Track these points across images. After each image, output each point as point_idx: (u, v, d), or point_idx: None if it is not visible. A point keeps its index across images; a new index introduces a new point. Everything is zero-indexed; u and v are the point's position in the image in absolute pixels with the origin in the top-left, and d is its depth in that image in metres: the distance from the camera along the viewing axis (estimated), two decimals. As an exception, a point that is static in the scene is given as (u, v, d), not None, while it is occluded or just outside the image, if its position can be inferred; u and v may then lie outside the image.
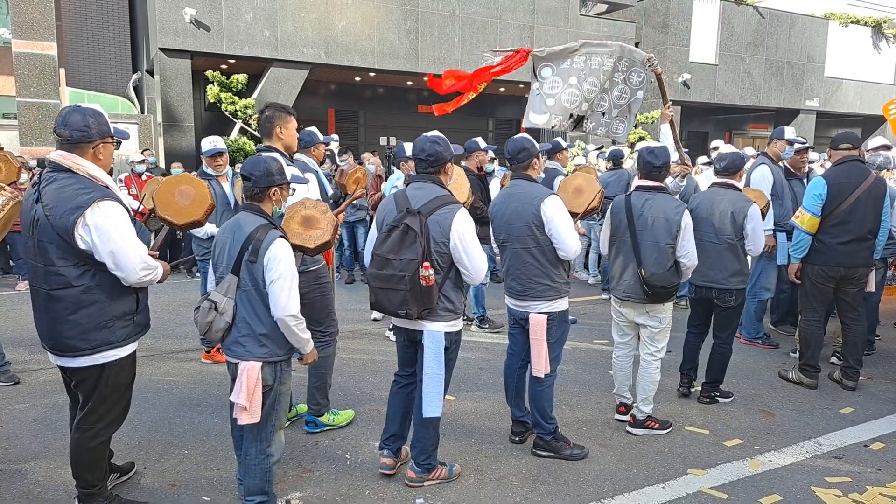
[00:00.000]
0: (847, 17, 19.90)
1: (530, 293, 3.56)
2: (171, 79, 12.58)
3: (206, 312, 2.74)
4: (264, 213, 2.86)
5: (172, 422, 4.14)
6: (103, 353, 2.76)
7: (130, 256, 2.66)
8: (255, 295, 2.74)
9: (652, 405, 4.06)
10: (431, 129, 3.48)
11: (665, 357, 4.10)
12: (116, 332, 2.77)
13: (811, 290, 4.85)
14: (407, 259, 2.95)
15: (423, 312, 3.04)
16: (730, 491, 3.40)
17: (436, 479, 3.35)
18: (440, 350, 3.13)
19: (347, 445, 3.84)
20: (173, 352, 5.62)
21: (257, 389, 2.74)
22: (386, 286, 3.01)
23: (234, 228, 2.81)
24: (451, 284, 3.14)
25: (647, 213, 3.83)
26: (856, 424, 4.29)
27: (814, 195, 4.66)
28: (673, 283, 3.81)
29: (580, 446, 3.77)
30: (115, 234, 2.63)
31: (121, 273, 2.67)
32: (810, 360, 4.91)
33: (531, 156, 3.61)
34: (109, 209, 2.64)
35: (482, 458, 3.72)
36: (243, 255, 2.72)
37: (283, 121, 3.77)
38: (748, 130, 23.29)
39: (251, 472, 2.91)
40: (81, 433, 2.88)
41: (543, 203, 3.44)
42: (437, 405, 3.14)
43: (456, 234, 3.02)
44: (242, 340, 2.76)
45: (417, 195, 3.12)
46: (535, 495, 3.32)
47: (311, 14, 13.31)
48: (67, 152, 2.69)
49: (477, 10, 14.87)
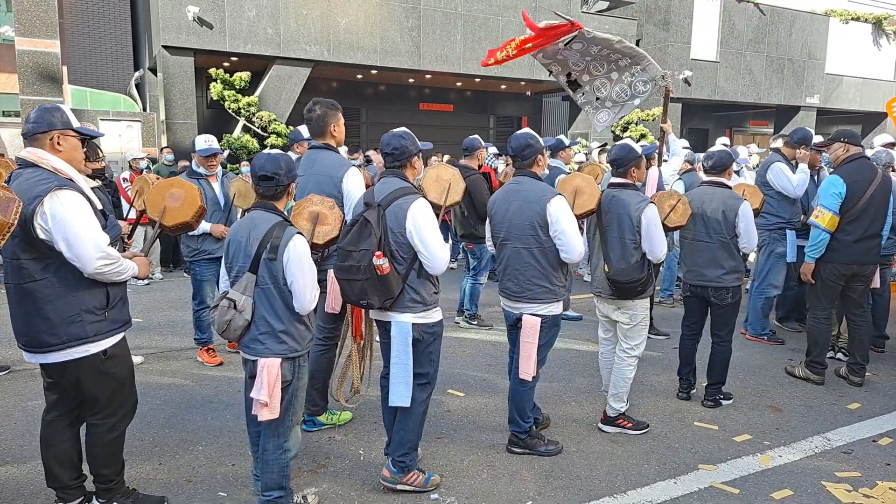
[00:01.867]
0: (847, 14, 19.90)
1: (527, 294, 3.51)
2: (173, 76, 12.58)
3: (224, 311, 2.75)
4: (279, 210, 2.87)
5: (185, 419, 4.17)
6: (74, 348, 2.72)
7: (86, 244, 2.61)
8: (275, 292, 2.76)
9: (624, 403, 4.03)
10: (433, 125, 3.51)
11: (664, 355, 4.10)
12: (86, 328, 2.73)
13: (822, 288, 4.85)
14: (364, 250, 3.00)
15: (386, 302, 3.06)
16: (741, 486, 3.43)
17: (410, 484, 3.27)
18: (407, 341, 3.12)
19: (361, 441, 3.87)
20: (182, 349, 5.65)
21: (277, 385, 2.75)
22: (347, 277, 3.06)
23: (249, 227, 2.81)
24: (415, 275, 3.11)
25: (612, 210, 3.85)
26: (863, 420, 4.32)
27: (833, 193, 4.61)
28: (635, 279, 3.77)
29: (554, 442, 3.78)
30: (71, 221, 2.60)
31: (77, 262, 2.63)
32: (818, 356, 4.94)
33: (536, 152, 3.55)
34: (67, 198, 2.62)
35: (494, 453, 3.75)
36: (261, 253, 2.73)
37: (335, 118, 3.79)
38: (749, 127, 23.33)
39: (268, 468, 2.93)
40: (97, 429, 2.89)
41: (550, 203, 3.38)
42: (403, 395, 3.14)
43: (410, 222, 3.01)
44: (262, 338, 2.78)
45: (382, 189, 3.15)
46: (549, 490, 3.35)
47: (314, 12, 13.31)
48: (33, 147, 2.73)
49: (479, 7, 14.87)
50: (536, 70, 15.82)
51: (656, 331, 6.18)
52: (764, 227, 5.71)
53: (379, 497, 3.26)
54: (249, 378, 2.89)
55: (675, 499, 3.30)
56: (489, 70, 15.20)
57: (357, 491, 3.31)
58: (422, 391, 3.25)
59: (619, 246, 3.83)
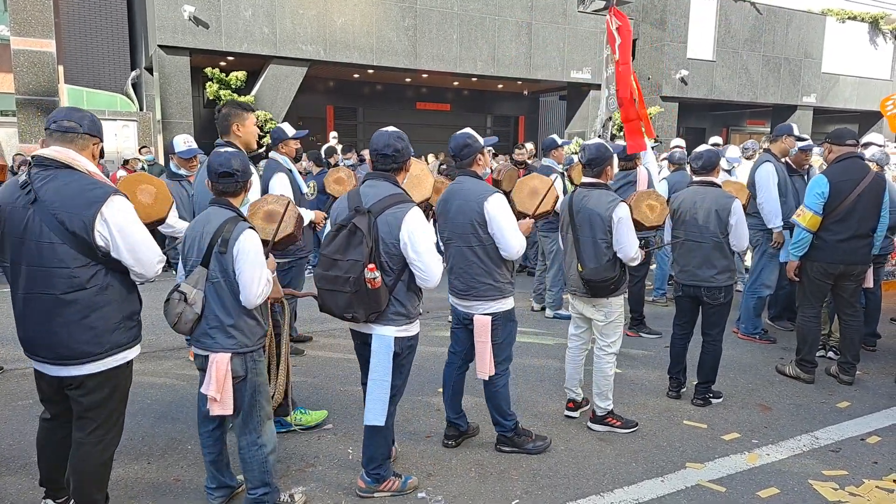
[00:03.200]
0: (844, 13, 19.94)
1: (473, 293, 3.49)
2: (169, 76, 12.58)
3: (175, 304, 2.76)
4: (234, 206, 2.89)
5: (175, 418, 4.17)
6: (114, 356, 2.68)
7: (149, 251, 2.64)
8: (224, 286, 2.76)
9: (609, 402, 4.03)
10: (430, 125, 3.50)
11: (656, 354, 4.12)
12: (126, 334, 2.72)
13: (809, 286, 4.89)
14: (353, 260, 2.85)
15: (371, 316, 2.93)
16: (728, 484, 3.44)
17: (387, 491, 3.24)
18: (388, 355, 3.01)
19: (350, 440, 3.87)
20: (173, 349, 5.65)
21: (227, 380, 2.75)
22: (331, 288, 2.92)
23: (203, 222, 2.84)
24: (403, 287, 3.00)
25: (584, 210, 3.87)
26: (852, 419, 4.33)
27: (816, 193, 4.67)
28: (607, 278, 3.79)
29: (542, 437, 3.78)
30: (132, 229, 2.60)
31: (140, 268, 2.63)
32: (807, 355, 4.96)
33: (475, 151, 3.51)
34: (123, 204, 2.60)
35: (482, 452, 3.76)
36: (213, 247, 2.74)
37: (240, 118, 3.77)
38: (745, 126, 23.36)
39: (248, 466, 2.93)
40: (91, 447, 2.71)
41: (487, 201, 3.35)
42: (379, 413, 3.01)
43: (406, 234, 2.87)
44: (211, 332, 2.78)
45: (370, 193, 2.99)
46: (536, 489, 3.36)
47: (310, 11, 13.31)
48: (61, 147, 2.59)
49: (475, 6, 14.87)
50: (533, 69, 15.84)
51: (648, 329, 6.19)
52: (757, 227, 5.73)
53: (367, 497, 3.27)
54: (201, 372, 2.89)
55: (661, 497, 3.31)
56: (486, 69, 15.23)
57: (345, 490, 3.32)
58: (391, 404, 3.17)
59: (591, 246, 3.85)
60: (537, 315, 6.94)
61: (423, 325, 6.42)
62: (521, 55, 15.66)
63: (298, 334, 5.74)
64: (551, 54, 16.02)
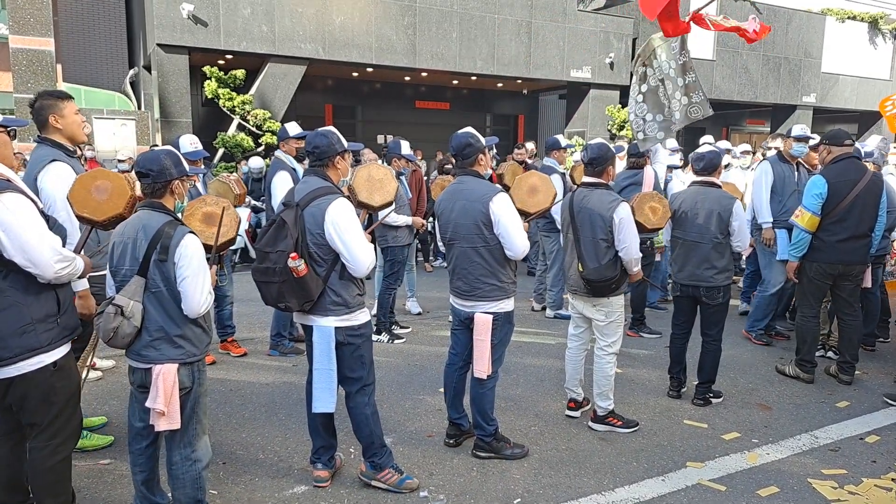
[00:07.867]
0: (844, 13, 19.94)
1: (477, 293, 3.50)
2: (168, 74, 12.56)
3: (110, 318, 2.55)
4: (167, 209, 2.72)
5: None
6: (27, 360, 2.52)
7: (43, 249, 2.46)
8: (167, 295, 2.61)
9: (610, 401, 4.03)
10: (429, 124, 3.47)
11: (656, 353, 4.13)
12: (39, 337, 2.54)
13: (808, 286, 4.91)
14: (280, 251, 2.94)
15: (305, 305, 3.01)
16: (728, 483, 3.45)
17: (384, 482, 3.28)
18: (329, 345, 3.07)
19: (352, 440, 3.87)
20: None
21: (175, 393, 2.62)
22: (265, 280, 3.01)
23: (136, 228, 2.65)
24: (337, 277, 3.05)
25: (584, 210, 3.86)
26: (851, 418, 4.35)
27: (814, 194, 4.68)
28: (608, 277, 3.79)
29: (520, 445, 3.75)
30: (22, 227, 2.43)
31: (36, 269, 2.47)
32: (807, 354, 4.97)
33: (476, 151, 3.51)
34: (12, 201, 2.44)
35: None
36: (151, 254, 2.58)
37: (55, 108, 3.36)
38: (745, 126, 23.37)
39: (180, 482, 2.77)
40: (37, 453, 2.63)
41: (492, 201, 3.36)
42: (326, 400, 3.10)
43: (329, 223, 2.95)
44: (155, 344, 2.63)
45: (302, 189, 3.11)
46: (537, 488, 3.37)
47: (309, 9, 13.29)
48: None
49: (475, 5, 14.86)
50: (533, 68, 15.84)
51: (649, 329, 6.20)
52: (758, 227, 5.75)
53: (368, 495, 3.28)
54: (138, 388, 2.72)
55: (662, 496, 3.32)
56: (486, 68, 15.22)
57: (346, 489, 3.32)
58: (362, 395, 3.22)
59: (591, 246, 3.85)
60: (538, 315, 6.94)
61: (423, 325, 6.46)
62: (521, 54, 15.65)
63: (299, 334, 5.74)
64: (551, 53, 16.02)
